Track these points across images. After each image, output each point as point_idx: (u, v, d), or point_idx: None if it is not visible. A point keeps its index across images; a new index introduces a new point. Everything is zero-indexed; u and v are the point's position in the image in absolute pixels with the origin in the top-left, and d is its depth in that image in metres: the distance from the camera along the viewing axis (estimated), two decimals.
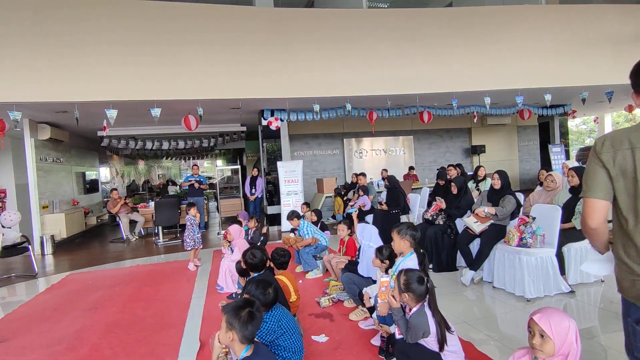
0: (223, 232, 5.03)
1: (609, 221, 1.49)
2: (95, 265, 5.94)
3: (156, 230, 7.90)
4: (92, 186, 10.52)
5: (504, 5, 7.75)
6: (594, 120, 16.05)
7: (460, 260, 4.39)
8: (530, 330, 1.59)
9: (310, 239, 4.82)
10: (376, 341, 2.77)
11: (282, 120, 8.02)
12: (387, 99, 7.49)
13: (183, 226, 8.28)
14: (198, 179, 8.31)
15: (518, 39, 7.32)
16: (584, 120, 22.66)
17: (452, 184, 4.77)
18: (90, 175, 10.60)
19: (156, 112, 6.25)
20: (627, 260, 1.40)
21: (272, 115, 7.92)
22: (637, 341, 1.38)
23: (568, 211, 3.69)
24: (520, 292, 3.45)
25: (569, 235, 3.63)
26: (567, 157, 10.83)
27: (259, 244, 4.81)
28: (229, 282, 4.18)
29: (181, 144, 9.78)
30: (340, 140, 10.71)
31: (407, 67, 6.98)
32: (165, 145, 9.67)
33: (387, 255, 2.91)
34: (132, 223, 8.28)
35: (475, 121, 9.86)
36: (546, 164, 11.21)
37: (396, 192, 5.97)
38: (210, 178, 15.07)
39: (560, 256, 3.53)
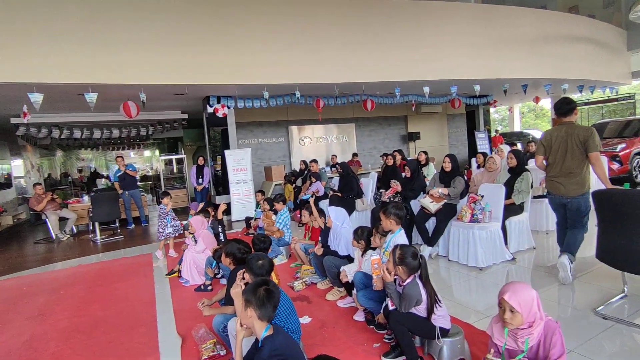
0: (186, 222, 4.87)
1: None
2: (22, 270, 5.30)
3: (91, 227, 7.26)
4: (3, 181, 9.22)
5: (440, 1, 8.29)
6: (509, 110, 18.00)
7: (416, 238, 4.74)
8: (501, 306, 1.79)
9: (274, 228, 4.84)
10: (359, 317, 2.94)
11: (229, 108, 7.77)
12: (335, 87, 7.64)
13: (122, 221, 7.77)
14: (130, 168, 7.67)
15: (452, 34, 7.91)
16: (497, 109, 25.24)
17: (406, 167, 5.10)
18: (1, 169, 9.26)
19: (91, 97, 5.64)
20: (548, 175, 3.57)
21: (218, 102, 7.63)
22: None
23: (508, 189, 4.19)
24: (473, 262, 3.88)
25: (509, 210, 4.14)
26: (490, 142, 12.06)
27: (220, 232, 4.70)
28: (194, 274, 4.05)
29: (115, 133, 8.94)
30: (285, 127, 10.68)
31: (354, 55, 7.16)
32: (97, 134, 8.76)
33: (363, 236, 3.07)
34: (62, 220, 7.47)
35: (413, 109, 10.49)
36: (472, 149, 12.39)
37: (349, 178, 6.18)
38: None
39: (503, 228, 4.02)
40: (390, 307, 2.30)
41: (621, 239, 2.60)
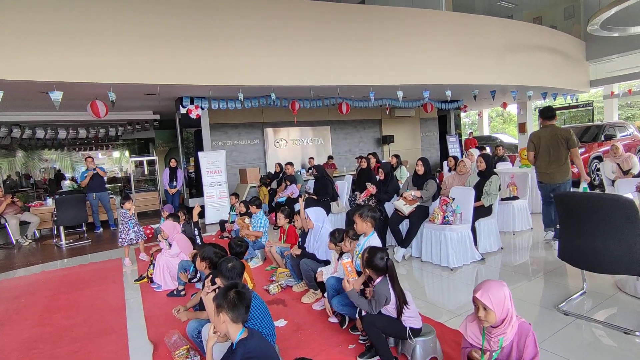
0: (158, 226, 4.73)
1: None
2: None
3: (55, 232, 6.93)
4: None
5: (412, 7, 8.49)
6: (478, 114, 18.64)
7: (390, 240, 4.83)
8: (475, 305, 1.86)
9: (257, 232, 4.79)
10: (333, 319, 2.97)
11: (202, 109, 7.64)
12: (311, 89, 7.67)
13: (90, 225, 7.46)
14: (95, 171, 7.35)
15: (425, 40, 8.12)
16: (467, 114, 26.10)
17: (380, 170, 5.19)
18: None
19: (56, 95, 5.39)
20: (538, 168, 4.45)
21: (191, 103, 7.49)
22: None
23: (478, 191, 4.34)
24: (445, 263, 4.00)
25: (479, 212, 4.30)
26: (461, 146, 12.46)
27: (196, 235, 4.62)
28: (167, 279, 3.95)
29: (82, 133, 8.57)
30: (261, 129, 10.61)
31: (329, 58, 7.22)
32: (63, 134, 8.36)
33: (339, 238, 3.10)
34: (23, 225, 7.09)
35: (387, 113, 10.69)
36: (444, 152, 12.74)
37: (324, 181, 6.21)
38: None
39: (473, 230, 4.17)
40: (363, 313, 2.34)
41: (580, 240, 2.76)
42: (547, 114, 4.43)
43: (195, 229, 4.80)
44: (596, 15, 7.28)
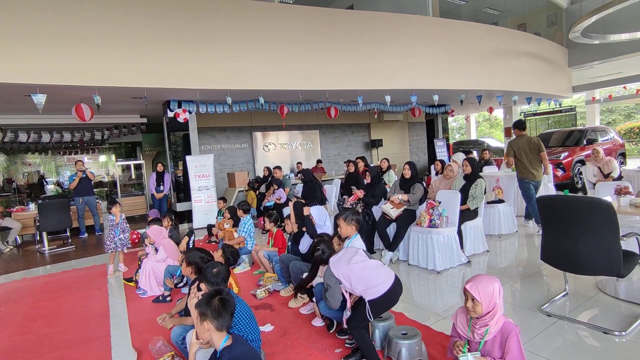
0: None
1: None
2: None
3: (38, 237, 6.79)
4: None
5: (400, 13, 8.59)
6: (465, 119, 18.90)
7: (377, 243, 4.85)
8: (465, 296, 1.93)
9: (240, 238, 4.76)
10: (317, 322, 2.97)
11: (190, 112, 7.59)
12: (299, 93, 7.68)
13: (74, 230, 7.32)
14: (84, 175, 7.28)
15: (412, 45, 8.22)
16: (455, 118, 26.44)
17: (367, 173, 5.22)
18: None
19: (39, 98, 5.29)
20: (520, 168, 5.37)
21: (179, 106, 7.43)
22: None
23: (464, 195, 4.40)
24: (432, 266, 4.03)
25: (465, 215, 4.35)
26: (448, 150, 12.61)
27: (190, 240, 4.57)
28: (153, 285, 3.90)
29: (67, 137, 8.41)
30: (249, 133, 10.59)
31: (317, 63, 7.25)
32: (46, 138, 8.19)
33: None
34: (4, 230, 6.92)
35: (375, 117, 10.77)
36: (432, 156, 12.87)
37: (312, 185, 6.22)
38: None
39: (459, 233, 4.22)
40: (345, 318, 2.34)
41: (562, 242, 2.81)
42: (521, 125, 5.46)
43: (192, 234, 4.74)
44: (577, 23, 7.47)
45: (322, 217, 3.65)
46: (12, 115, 7.46)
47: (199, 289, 2.43)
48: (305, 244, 3.63)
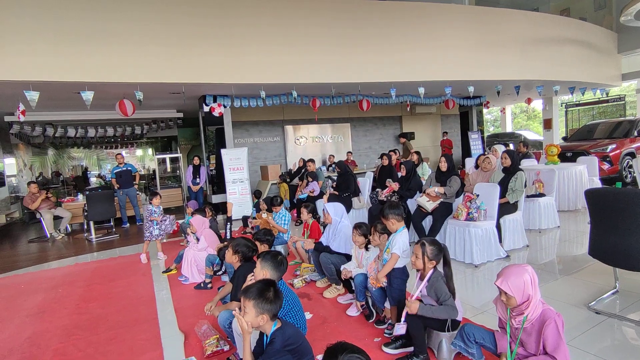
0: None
1: None
2: (18, 268, 5.26)
3: (86, 226, 7.23)
4: None
5: (434, 3, 8.37)
6: (501, 111, 18.20)
7: (413, 236, 4.80)
8: (499, 290, 1.92)
9: (281, 228, 4.85)
10: (352, 311, 3.01)
11: (225, 107, 7.78)
12: (332, 86, 7.69)
13: (118, 220, 7.74)
14: (125, 168, 7.67)
15: (447, 35, 8.00)
16: (489, 110, 25.53)
17: (402, 167, 5.18)
18: None
19: (87, 95, 5.61)
20: None
21: (214, 101, 7.64)
22: None
23: (502, 188, 4.28)
24: (469, 259, 3.96)
25: (504, 208, 4.23)
26: (483, 143, 12.22)
27: (228, 230, 4.73)
28: (195, 272, 4.08)
29: (110, 131, 8.88)
30: (281, 127, 10.72)
31: (350, 56, 7.22)
32: (92, 133, 8.68)
33: (364, 231, 3.11)
34: (56, 219, 7.42)
35: (407, 110, 10.60)
36: (466, 149, 12.52)
37: (347, 176, 6.24)
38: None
39: (498, 227, 4.11)
40: (414, 297, 2.32)
41: (612, 236, 2.69)
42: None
43: (228, 223, 4.90)
44: (630, 5, 7.00)
45: (338, 212, 3.64)
46: (62, 112, 7.94)
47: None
48: (329, 235, 3.64)
